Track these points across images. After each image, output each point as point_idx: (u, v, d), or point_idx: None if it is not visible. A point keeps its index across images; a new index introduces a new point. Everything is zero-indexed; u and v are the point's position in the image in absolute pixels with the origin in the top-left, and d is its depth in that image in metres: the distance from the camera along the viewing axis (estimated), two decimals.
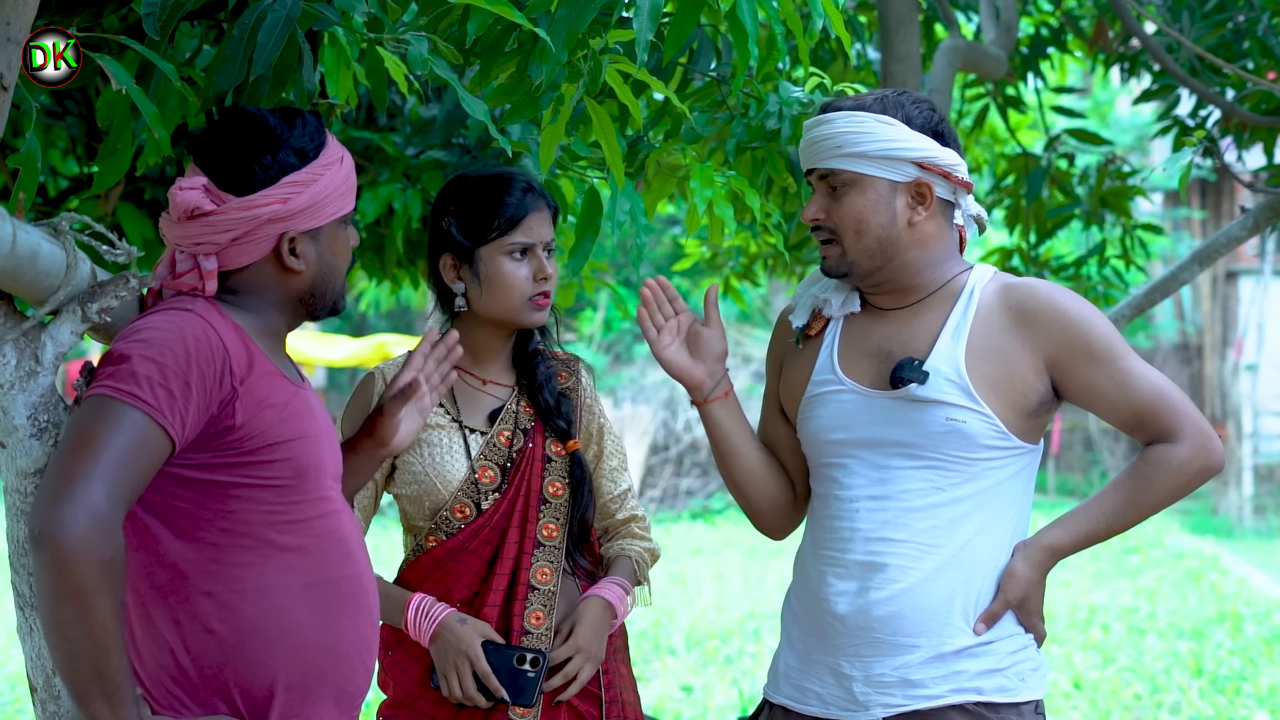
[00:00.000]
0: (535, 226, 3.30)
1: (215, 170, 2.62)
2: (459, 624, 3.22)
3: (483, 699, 3.20)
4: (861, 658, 2.99)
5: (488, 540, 3.29)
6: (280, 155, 2.63)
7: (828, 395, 3.09)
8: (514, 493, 3.31)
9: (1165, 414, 2.97)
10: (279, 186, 2.62)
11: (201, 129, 2.71)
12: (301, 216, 2.65)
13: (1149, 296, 5.50)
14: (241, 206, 2.60)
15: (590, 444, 3.45)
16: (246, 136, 2.63)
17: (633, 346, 21.17)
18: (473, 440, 3.34)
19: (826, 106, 3.05)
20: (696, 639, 10.16)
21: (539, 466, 3.33)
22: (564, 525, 3.34)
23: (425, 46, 2.77)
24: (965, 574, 2.96)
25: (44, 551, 2.28)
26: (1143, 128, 18.85)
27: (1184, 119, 6.39)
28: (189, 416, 2.44)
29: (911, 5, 5.23)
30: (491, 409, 3.37)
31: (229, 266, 2.64)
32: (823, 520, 3.10)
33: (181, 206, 2.59)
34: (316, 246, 2.70)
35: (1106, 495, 3.03)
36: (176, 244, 2.64)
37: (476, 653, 3.19)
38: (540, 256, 3.30)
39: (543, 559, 3.30)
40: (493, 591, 3.28)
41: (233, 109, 2.70)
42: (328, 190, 2.67)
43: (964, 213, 3.09)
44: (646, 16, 2.77)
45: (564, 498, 3.34)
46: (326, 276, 2.74)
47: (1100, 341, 2.97)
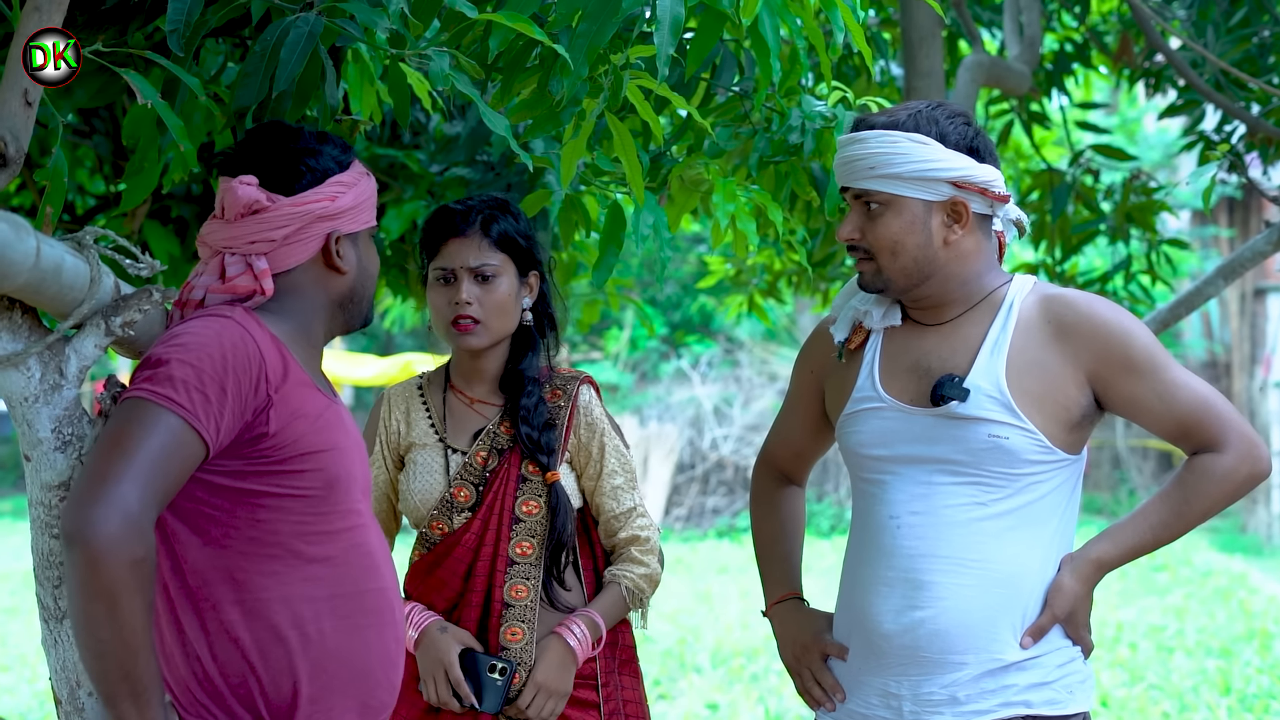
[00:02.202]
0: (456, 252, 3.39)
1: (263, 171, 2.66)
2: (439, 632, 3.37)
3: (456, 704, 3.35)
4: (909, 677, 2.98)
5: (461, 557, 3.40)
6: (321, 159, 2.69)
7: (869, 412, 3.08)
8: (485, 511, 3.40)
9: (1210, 423, 2.95)
10: (326, 185, 2.68)
11: (239, 142, 2.74)
12: (346, 217, 2.70)
13: (1174, 311, 5.48)
14: (294, 203, 2.65)
15: (590, 462, 3.49)
16: (288, 140, 2.68)
17: (658, 365, 21.15)
18: (453, 459, 3.45)
19: (859, 123, 3.02)
20: (722, 657, 10.14)
21: (512, 486, 3.40)
22: (540, 543, 3.40)
23: (447, 62, 2.78)
24: (1011, 588, 2.94)
25: (75, 550, 2.29)
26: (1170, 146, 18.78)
27: (1209, 134, 6.38)
28: (224, 422, 2.46)
29: (935, 21, 5.22)
30: (476, 428, 3.46)
31: (278, 269, 2.67)
32: (864, 537, 3.08)
33: (242, 201, 2.62)
34: (356, 251, 2.75)
35: (1153, 507, 3.00)
36: (227, 246, 2.66)
37: (451, 660, 3.33)
38: (461, 282, 3.37)
39: (517, 576, 3.39)
40: (469, 606, 3.40)
41: (268, 122, 2.75)
42: (365, 195, 2.75)
43: (1003, 218, 3.07)
44: (668, 31, 2.77)
45: (539, 516, 3.41)
46: (365, 281, 2.79)
47: (1141, 353, 2.94)
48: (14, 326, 2.49)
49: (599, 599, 3.48)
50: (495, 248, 3.39)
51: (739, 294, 7.69)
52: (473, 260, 3.37)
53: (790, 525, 3.41)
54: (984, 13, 7.18)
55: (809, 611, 3.28)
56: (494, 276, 3.38)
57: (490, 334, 3.40)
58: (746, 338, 20.77)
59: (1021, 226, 3.12)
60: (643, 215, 3.47)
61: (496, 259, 3.39)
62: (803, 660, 3.21)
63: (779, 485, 3.43)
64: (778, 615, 3.32)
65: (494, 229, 3.40)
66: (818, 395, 3.28)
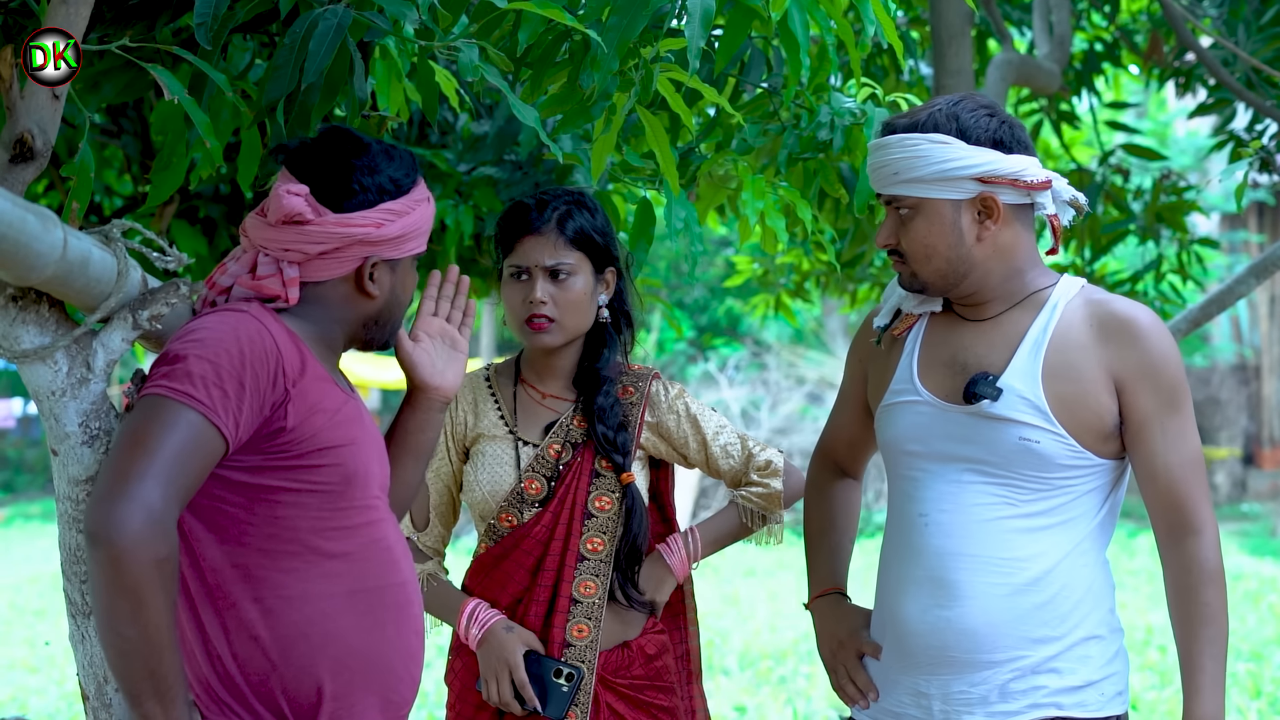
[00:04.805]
0: (530, 250, 3.32)
1: (316, 182, 2.62)
2: (505, 631, 3.30)
3: (518, 706, 3.28)
4: (939, 676, 2.95)
5: (529, 550, 3.35)
6: (379, 180, 2.64)
7: (905, 405, 3.04)
8: (557, 505, 3.35)
9: (1197, 489, 2.90)
10: (375, 210, 2.63)
11: (300, 141, 2.71)
12: (389, 245, 2.66)
13: (1205, 311, 5.45)
14: (339, 223, 2.61)
15: (688, 443, 3.45)
16: (350, 154, 2.64)
17: (685, 368, 21.16)
18: (524, 452, 3.38)
19: (885, 127, 2.99)
20: (750, 659, 10.12)
21: (585, 481, 3.35)
22: (611, 540, 3.36)
23: (476, 54, 2.77)
24: (1043, 590, 2.89)
25: (99, 549, 2.28)
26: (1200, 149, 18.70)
27: (1240, 133, 6.34)
28: (243, 417, 2.44)
29: (964, 19, 5.20)
30: (547, 422, 3.41)
31: (309, 279, 2.64)
32: (896, 534, 3.06)
33: (286, 209, 2.59)
34: (392, 278, 2.72)
35: (1201, 647, 2.88)
36: (263, 246, 2.64)
37: (516, 661, 3.27)
38: (535, 280, 3.31)
39: (586, 572, 3.34)
40: (535, 602, 3.34)
41: (336, 128, 2.71)
42: (416, 225, 2.70)
43: (1056, 199, 2.97)
44: (699, 24, 2.76)
45: (611, 511, 3.36)
46: (393, 308, 2.75)
47: (1169, 380, 2.89)
48: (41, 320, 2.49)
49: (709, 519, 3.50)
50: (571, 245, 3.32)
51: (766, 294, 7.67)
52: (547, 259, 3.31)
53: (841, 518, 3.37)
54: (1014, 11, 7.16)
55: (848, 608, 3.26)
56: (569, 275, 3.32)
57: (565, 333, 3.33)
58: (774, 340, 20.75)
59: (1079, 206, 3.02)
60: (674, 210, 3.45)
61: (571, 257, 3.32)
62: (839, 657, 3.19)
63: (833, 477, 3.40)
64: (818, 609, 3.29)
65: (569, 225, 3.33)
66: (865, 384, 3.25)
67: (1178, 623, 2.92)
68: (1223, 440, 19.89)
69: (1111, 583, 3.02)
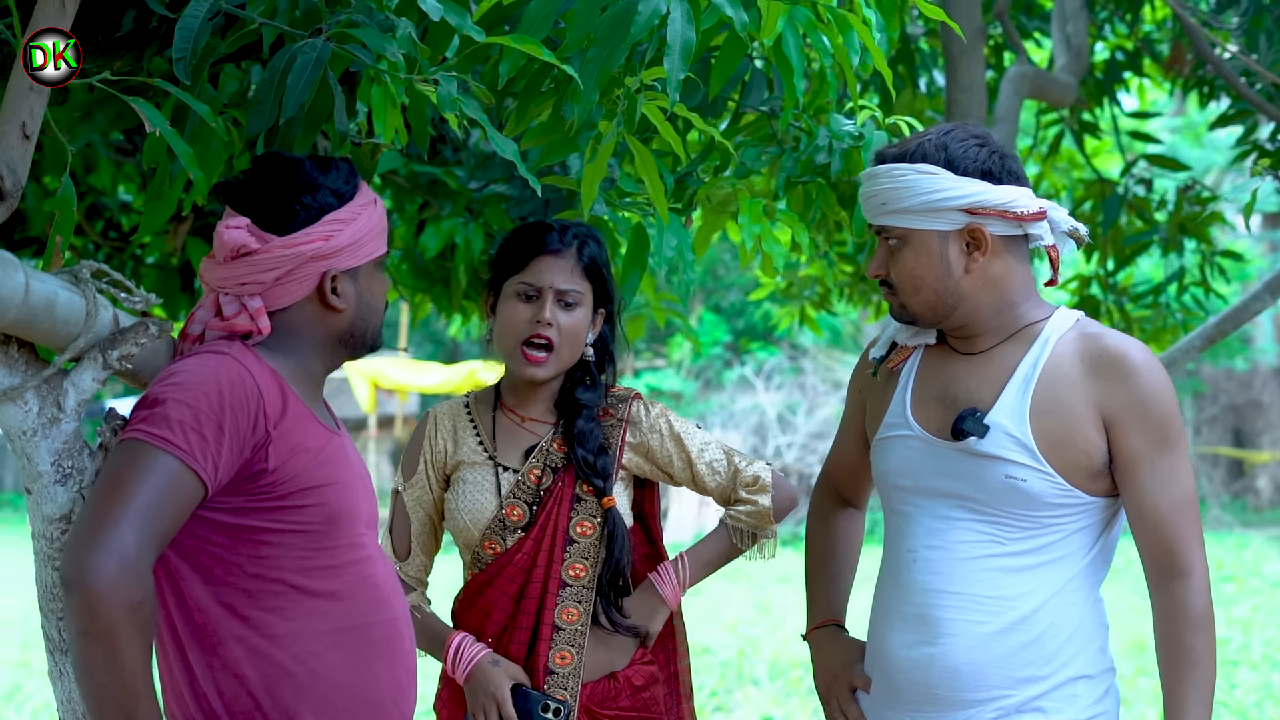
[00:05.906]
0: (545, 270, 3.30)
1: (256, 211, 2.63)
2: (491, 666, 3.28)
3: None
4: (924, 713, 2.94)
5: (512, 578, 3.33)
6: (319, 195, 2.64)
7: (897, 440, 3.03)
8: (538, 531, 3.32)
9: (1189, 530, 2.86)
10: (321, 224, 2.63)
11: (235, 177, 2.72)
12: (343, 255, 2.66)
13: (1220, 327, 5.40)
14: (285, 245, 2.61)
15: (672, 462, 3.42)
16: (285, 177, 2.64)
17: (722, 372, 21.13)
18: (505, 478, 3.36)
19: (877, 157, 2.98)
20: (780, 669, 10.10)
21: (566, 506, 3.33)
22: (594, 566, 3.34)
23: (454, 86, 2.76)
24: (1029, 629, 2.87)
25: (73, 595, 2.29)
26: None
27: (1263, 143, 6.29)
28: (222, 460, 2.44)
29: (976, 33, 5.17)
30: (527, 445, 3.39)
31: (272, 307, 2.64)
32: (886, 568, 3.05)
33: (228, 246, 2.59)
34: (356, 286, 2.71)
35: (1186, 691, 2.83)
36: (219, 286, 2.64)
37: (504, 696, 3.24)
38: (545, 301, 3.29)
39: (569, 599, 3.32)
40: (519, 629, 3.32)
41: (267, 155, 2.72)
42: (366, 229, 2.69)
43: (1055, 229, 2.95)
44: (678, 56, 2.74)
45: (593, 537, 3.34)
46: (366, 315, 2.75)
47: (1160, 418, 2.84)
48: (10, 361, 2.50)
49: (699, 544, 3.48)
50: (584, 274, 3.33)
51: (790, 305, 7.67)
52: (561, 282, 3.30)
53: (842, 548, 3.35)
54: (1031, 22, 7.12)
55: (844, 640, 3.24)
56: (576, 304, 3.32)
57: (559, 363, 3.33)
58: (811, 344, 20.70)
59: (1078, 237, 3.00)
60: (665, 238, 3.44)
61: (582, 286, 3.33)
62: (832, 690, 3.17)
63: (835, 506, 3.39)
64: (815, 641, 3.28)
65: (586, 253, 3.33)
66: (864, 415, 3.23)
67: (1164, 665, 2.88)
68: (1264, 444, 19.78)
69: (1104, 621, 2.98)
